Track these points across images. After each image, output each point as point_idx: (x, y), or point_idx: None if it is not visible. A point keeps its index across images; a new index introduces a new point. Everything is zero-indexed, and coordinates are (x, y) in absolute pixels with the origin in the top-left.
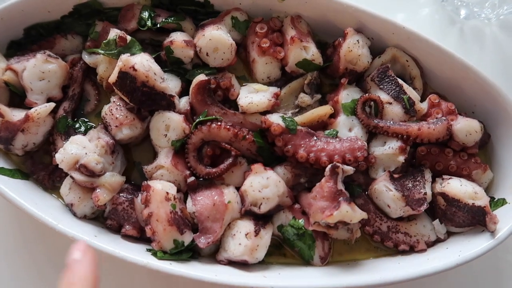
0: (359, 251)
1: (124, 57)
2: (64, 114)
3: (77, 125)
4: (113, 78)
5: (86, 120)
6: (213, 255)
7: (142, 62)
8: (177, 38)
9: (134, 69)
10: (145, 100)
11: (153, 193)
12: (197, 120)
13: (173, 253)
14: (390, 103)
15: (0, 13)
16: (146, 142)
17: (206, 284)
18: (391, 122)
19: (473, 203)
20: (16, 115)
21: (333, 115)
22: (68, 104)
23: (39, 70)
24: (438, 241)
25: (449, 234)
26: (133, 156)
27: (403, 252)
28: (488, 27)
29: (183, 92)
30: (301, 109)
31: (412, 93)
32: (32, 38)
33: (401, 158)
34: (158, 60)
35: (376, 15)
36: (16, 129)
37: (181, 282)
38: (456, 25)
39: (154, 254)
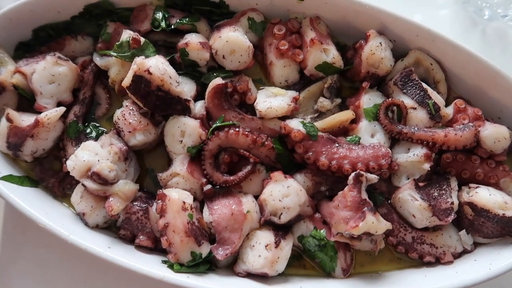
0: (381, 262)
1: (139, 60)
2: (74, 119)
3: (88, 130)
4: (127, 81)
5: (97, 124)
6: (230, 266)
7: (157, 65)
8: (193, 40)
9: (149, 73)
10: (159, 105)
11: (169, 202)
12: (214, 125)
13: (190, 265)
14: (415, 108)
15: (8, 14)
16: (159, 148)
17: None
18: (416, 128)
19: (503, 214)
20: (25, 120)
21: (354, 121)
22: (78, 108)
23: (49, 73)
24: (464, 252)
25: (476, 245)
26: (145, 163)
27: (428, 264)
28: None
29: (198, 96)
30: (320, 114)
31: (437, 98)
32: (41, 40)
33: (427, 166)
34: (172, 62)
35: (400, 17)
36: (25, 134)
37: None
38: (478, 26)
39: (171, 266)
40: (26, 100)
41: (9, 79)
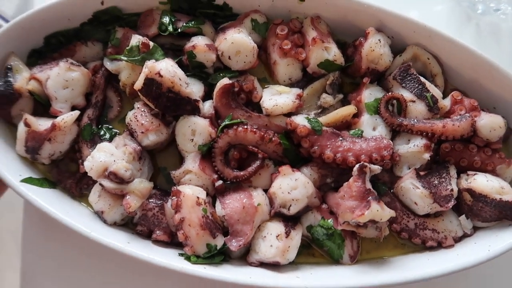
0: (386, 248)
1: (150, 63)
2: (88, 122)
3: (102, 132)
4: (139, 84)
5: (110, 126)
6: (243, 257)
7: (167, 68)
8: (199, 43)
9: (160, 75)
10: (170, 106)
11: (184, 198)
12: (223, 124)
13: (206, 257)
14: (414, 101)
15: (21, 23)
16: (170, 147)
17: (239, 286)
18: (415, 120)
19: (500, 198)
20: (42, 124)
21: (357, 115)
22: (92, 112)
23: (62, 78)
24: (465, 236)
25: (475, 229)
26: (157, 162)
27: (431, 248)
28: (504, 23)
29: (206, 96)
30: (324, 110)
31: (435, 91)
32: (52, 46)
33: (427, 156)
34: (179, 64)
35: (397, 14)
36: (42, 138)
37: (212, 285)
38: (472, 21)
39: (188, 258)
40: (41, 105)
41: (25, 86)
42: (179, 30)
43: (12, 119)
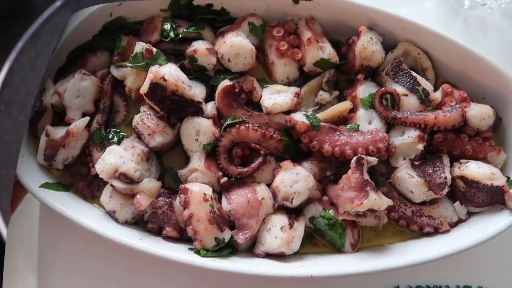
0: (386, 235)
1: (154, 68)
2: (97, 127)
3: (110, 136)
4: (144, 89)
5: (117, 130)
6: (249, 249)
7: (171, 72)
8: (200, 47)
9: (164, 79)
10: (174, 108)
11: (191, 195)
12: (226, 123)
13: (214, 250)
14: (406, 95)
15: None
16: (176, 148)
17: (247, 276)
18: (408, 112)
19: (491, 184)
20: (57, 132)
21: (352, 110)
22: (100, 117)
23: (76, 88)
24: (459, 221)
25: (470, 214)
26: (164, 162)
27: (428, 234)
28: (491, 16)
29: (208, 98)
30: (321, 106)
31: (426, 84)
32: (71, 62)
33: (420, 146)
34: (181, 68)
35: (387, 13)
36: (58, 145)
37: (220, 276)
38: (460, 15)
39: (197, 252)
40: (57, 115)
41: (50, 101)
42: (180, 36)
43: (37, 132)
